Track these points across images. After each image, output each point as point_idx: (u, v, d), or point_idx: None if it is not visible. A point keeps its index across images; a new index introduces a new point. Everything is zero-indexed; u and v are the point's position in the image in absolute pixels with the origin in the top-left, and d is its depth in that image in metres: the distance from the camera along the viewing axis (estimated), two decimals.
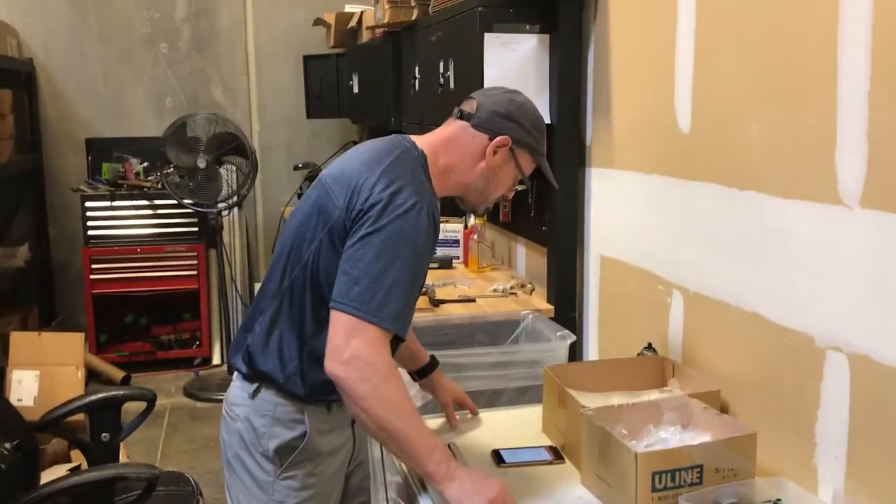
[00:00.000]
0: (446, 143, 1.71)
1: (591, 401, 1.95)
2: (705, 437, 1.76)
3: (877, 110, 1.47)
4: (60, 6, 5.09)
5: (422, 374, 2.04)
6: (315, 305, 1.62)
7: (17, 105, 4.72)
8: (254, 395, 1.68)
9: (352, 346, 1.46)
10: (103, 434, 2.40)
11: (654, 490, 1.59)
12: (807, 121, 1.64)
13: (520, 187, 1.85)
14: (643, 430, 1.81)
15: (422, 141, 1.72)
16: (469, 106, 1.74)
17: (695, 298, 2.08)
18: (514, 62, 2.60)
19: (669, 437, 1.80)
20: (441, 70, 2.97)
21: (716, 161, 1.96)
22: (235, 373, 1.76)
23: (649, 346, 2.19)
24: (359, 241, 1.51)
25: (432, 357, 2.06)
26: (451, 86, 2.87)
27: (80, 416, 2.50)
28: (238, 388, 1.73)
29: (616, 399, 2.04)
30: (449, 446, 1.87)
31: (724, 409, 1.92)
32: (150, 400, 2.47)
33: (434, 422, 2.06)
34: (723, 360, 1.98)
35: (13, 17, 4.96)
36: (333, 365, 1.48)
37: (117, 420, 2.43)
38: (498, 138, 1.69)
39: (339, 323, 1.48)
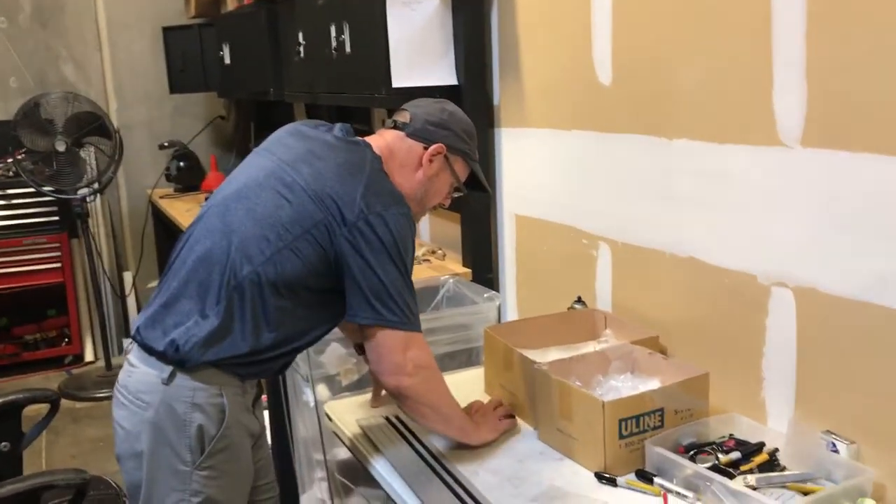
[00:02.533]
0: (389, 152, 1.73)
1: (532, 357, 1.95)
2: (655, 382, 1.80)
3: (815, 46, 1.52)
4: None
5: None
6: (282, 295, 1.60)
7: None
8: (169, 380, 1.58)
9: (411, 358, 1.60)
10: (3, 443, 2.19)
11: (620, 437, 1.62)
12: (740, 64, 1.68)
13: (456, 194, 1.88)
14: (594, 380, 1.84)
15: (377, 145, 1.74)
16: (402, 116, 1.79)
17: (623, 249, 2.11)
18: (416, 23, 2.54)
19: (620, 385, 1.83)
20: (334, 34, 2.86)
21: (641, 113, 1.99)
22: (136, 356, 1.65)
23: (579, 300, 2.22)
24: (370, 256, 1.55)
25: None
26: (348, 49, 2.77)
27: None
28: (145, 374, 1.61)
29: (554, 354, 2.05)
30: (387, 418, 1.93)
31: (663, 354, 1.97)
32: (54, 401, 2.27)
33: (361, 397, 2.04)
34: (658, 307, 2.02)
35: None
36: (399, 380, 1.61)
37: (18, 427, 2.22)
38: (433, 146, 1.74)
39: (391, 340, 1.58)
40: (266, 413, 2.77)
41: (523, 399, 1.90)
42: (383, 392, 1.99)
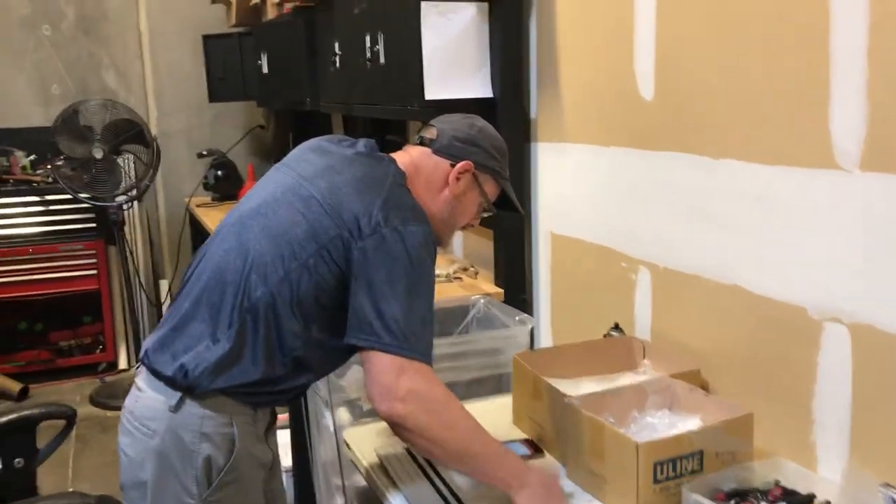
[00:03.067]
0: (414, 169, 1.64)
1: (564, 388, 1.83)
2: (695, 420, 1.68)
3: (877, 62, 1.39)
4: None
5: None
6: (296, 316, 1.51)
7: None
8: (177, 407, 1.50)
9: (405, 384, 1.42)
10: (17, 460, 2.14)
11: (655, 481, 1.49)
12: (794, 81, 1.56)
13: (485, 214, 1.78)
14: (629, 415, 1.72)
15: (402, 162, 1.65)
16: (429, 132, 1.71)
17: (664, 274, 1.98)
18: (452, 33, 2.44)
19: (657, 423, 1.71)
20: (368, 44, 2.78)
21: (685, 130, 1.87)
22: (144, 380, 1.56)
23: (616, 327, 2.09)
24: (380, 271, 1.44)
25: None
26: (382, 60, 2.69)
27: None
28: (152, 400, 1.53)
29: (588, 384, 1.93)
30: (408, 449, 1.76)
31: (704, 389, 1.84)
32: (69, 417, 2.21)
33: (382, 424, 1.90)
34: (699, 338, 1.89)
35: None
36: (391, 406, 1.42)
37: (32, 443, 2.17)
38: (461, 164, 1.66)
39: (381, 362, 1.42)
40: (287, 433, 2.70)
41: (552, 433, 1.79)
42: None
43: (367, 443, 1.87)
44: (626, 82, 2.03)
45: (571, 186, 2.36)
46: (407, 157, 1.67)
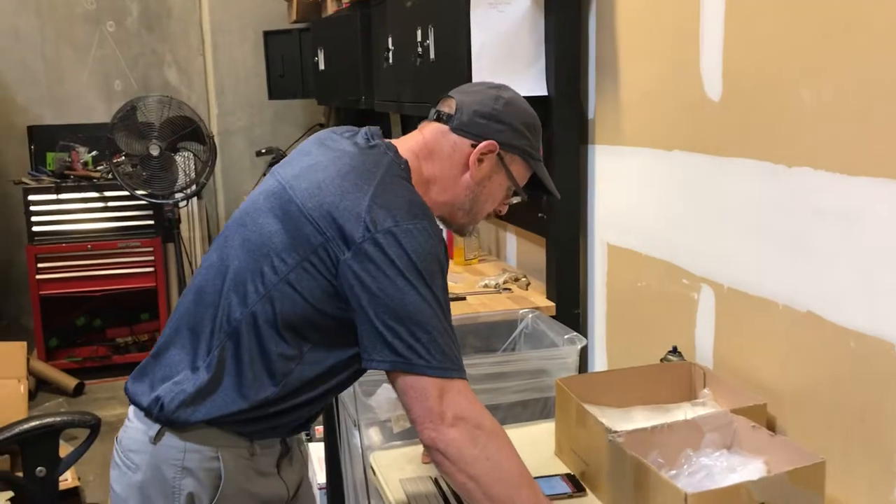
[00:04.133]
0: (427, 152, 1.44)
1: (613, 419, 1.65)
2: (757, 465, 1.48)
3: None
4: None
5: None
6: (283, 338, 1.33)
7: None
8: (156, 438, 1.35)
9: (450, 406, 1.26)
10: (38, 468, 2.07)
11: None
12: (882, 81, 1.34)
13: (514, 200, 1.56)
14: (681, 455, 1.53)
15: (404, 149, 1.43)
16: (447, 106, 1.48)
17: (729, 294, 1.78)
18: (504, 26, 2.27)
19: (713, 464, 1.51)
20: (419, 39, 2.64)
21: (755, 133, 1.66)
22: (131, 409, 1.42)
23: (674, 350, 1.89)
24: (383, 283, 1.25)
25: None
26: (432, 56, 2.54)
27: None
28: (136, 431, 1.39)
29: (640, 415, 1.75)
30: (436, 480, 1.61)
31: (770, 426, 1.63)
32: (94, 426, 2.13)
33: (413, 449, 1.77)
34: (767, 368, 1.68)
35: None
36: (438, 431, 1.25)
37: (55, 451, 2.10)
38: (483, 143, 1.43)
39: (419, 384, 1.25)
40: (322, 447, 2.57)
41: (595, 470, 1.60)
42: None
43: (394, 470, 1.72)
44: (691, 81, 1.83)
45: (630, 194, 2.16)
46: (419, 138, 1.47)
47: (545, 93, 2.31)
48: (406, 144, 1.44)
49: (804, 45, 1.51)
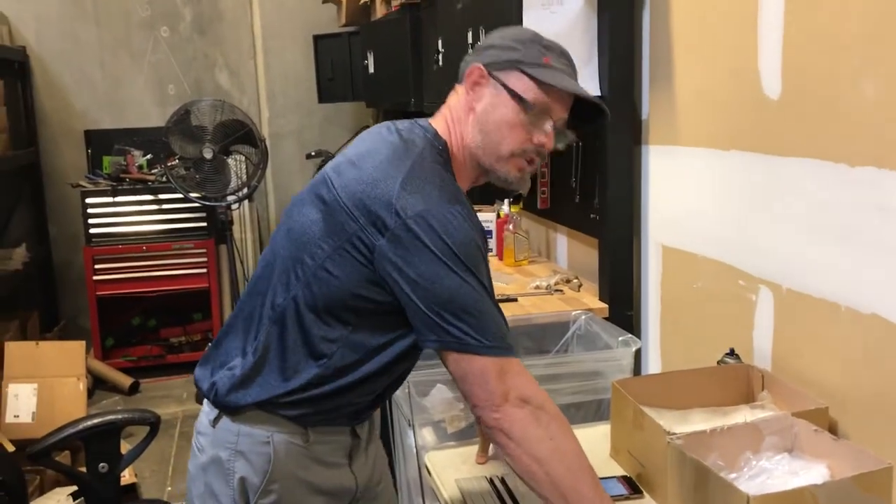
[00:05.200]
0: (453, 120, 1.41)
1: (669, 421, 1.64)
2: (820, 469, 1.45)
3: None
4: None
5: None
6: (325, 321, 1.36)
7: (11, 96, 4.42)
8: (215, 422, 1.42)
9: (513, 387, 1.26)
10: (101, 464, 2.12)
11: None
12: None
13: (547, 126, 1.38)
14: (741, 458, 1.51)
15: (439, 124, 1.41)
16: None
17: (789, 296, 1.75)
18: (556, 27, 2.26)
19: (774, 468, 1.49)
20: (469, 41, 2.64)
21: (816, 132, 1.63)
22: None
23: (732, 353, 1.87)
24: (420, 267, 1.25)
25: None
26: None
27: None
28: (203, 414, 1.47)
29: (698, 417, 1.73)
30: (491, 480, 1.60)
31: (832, 430, 1.61)
32: (153, 424, 2.17)
33: (467, 449, 1.76)
34: (829, 371, 1.65)
35: (3, 3, 4.65)
36: (503, 412, 1.25)
37: (116, 448, 2.14)
38: (467, 71, 1.39)
39: (478, 365, 1.25)
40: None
41: (653, 472, 1.59)
42: (491, 448, 1.73)
43: (450, 470, 1.72)
44: (749, 79, 1.81)
45: (685, 194, 2.14)
46: (444, 111, 1.44)
47: (599, 93, 2.29)
48: (438, 122, 1.42)
49: (865, 35, 1.48)
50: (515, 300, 2.48)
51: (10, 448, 2.88)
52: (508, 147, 1.37)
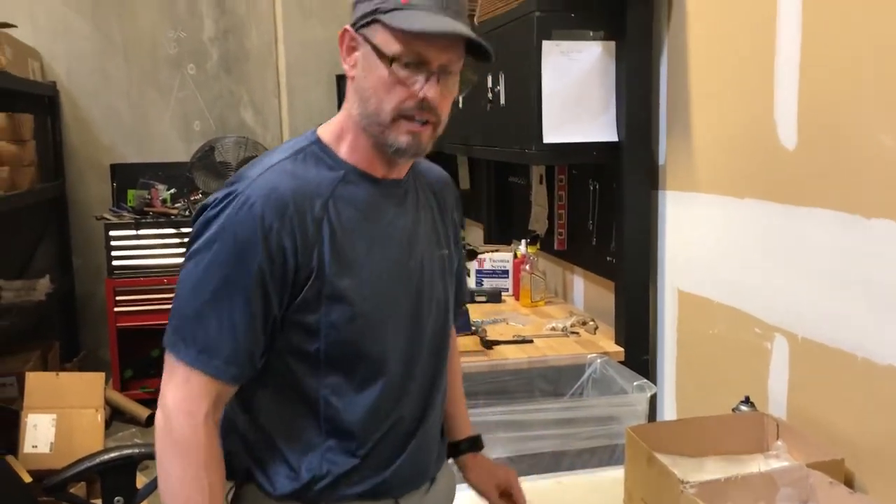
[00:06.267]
0: (346, 97, 1.27)
1: (684, 469, 1.64)
2: None
3: None
4: (84, 28, 4.88)
5: (454, 451, 1.52)
6: None
7: (40, 130, 4.50)
8: None
9: (166, 391, 1.17)
10: (117, 498, 2.12)
11: None
12: None
13: (421, 79, 1.17)
14: None
15: (339, 114, 1.29)
16: None
17: (804, 345, 1.75)
18: (575, 73, 2.30)
19: None
20: (489, 85, 2.68)
21: (831, 183, 1.64)
22: None
23: (747, 401, 1.86)
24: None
25: (475, 438, 1.54)
26: (502, 101, 2.58)
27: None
28: None
29: (713, 465, 1.72)
30: None
31: (848, 483, 1.59)
32: None
33: None
34: (845, 422, 1.64)
35: (36, 40, 4.76)
36: (159, 411, 1.18)
37: (132, 482, 2.15)
38: (339, 36, 1.23)
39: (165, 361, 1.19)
40: None
41: None
42: None
43: None
44: (765, 128, 1.83)
45: (702, 240, 2.15)
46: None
47: (616, 139, 2.32)
48: (340, 112, 1.29)
49: (882, 87, 1.49)
50: (531, 341, 2.49)
51: (27, 479, 2.90)
52: (388, 109, 1.19)
